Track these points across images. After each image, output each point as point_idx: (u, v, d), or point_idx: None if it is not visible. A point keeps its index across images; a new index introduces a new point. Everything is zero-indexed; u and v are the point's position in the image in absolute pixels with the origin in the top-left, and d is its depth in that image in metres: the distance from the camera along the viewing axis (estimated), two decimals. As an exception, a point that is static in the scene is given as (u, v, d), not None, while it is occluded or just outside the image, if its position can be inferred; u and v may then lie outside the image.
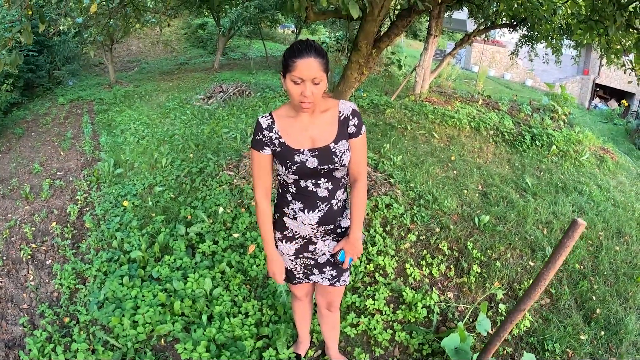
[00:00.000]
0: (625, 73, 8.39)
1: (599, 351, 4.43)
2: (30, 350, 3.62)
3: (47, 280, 4.65)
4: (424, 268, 4.63)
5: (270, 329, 3.87)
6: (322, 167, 2.53)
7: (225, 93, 11.26)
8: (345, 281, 3.01)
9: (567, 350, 4.31)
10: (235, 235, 4.92)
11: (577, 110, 15.74)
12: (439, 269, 4.66)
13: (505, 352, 4.08)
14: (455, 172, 6.41)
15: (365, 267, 4.43)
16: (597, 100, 24.50)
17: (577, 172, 7.75)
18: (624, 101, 20.75)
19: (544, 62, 12.56)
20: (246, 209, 5.34)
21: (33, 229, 5.57)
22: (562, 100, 11.23)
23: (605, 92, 26.32)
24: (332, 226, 2.75)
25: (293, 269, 2.96)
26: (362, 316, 4.03)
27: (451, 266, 4.78)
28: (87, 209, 6.08)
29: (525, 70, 25.63)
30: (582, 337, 4.48)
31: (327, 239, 2.82)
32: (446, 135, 7.62)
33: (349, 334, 3.90)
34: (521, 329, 4.28)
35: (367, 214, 4.97)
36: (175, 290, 4.15)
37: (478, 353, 3.31)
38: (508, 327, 1.39)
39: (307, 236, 2.78)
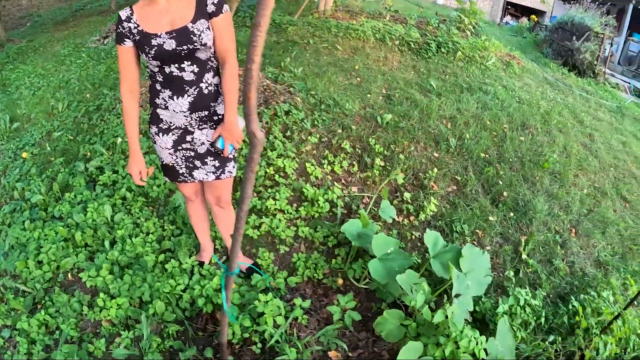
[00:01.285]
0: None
1: (509, 230, 4.52)
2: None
3: (-47, 250, 4.37)
4: (325, 166, 4.57)
5: (172, 242, 3.81)
6: (180, 48, 2.51)
7: (122, 31, 10.58)
8: (231, 172, 2.99)
9: (477, 231, 4.37)
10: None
11: (488, 26, 15.87)
12: (341, 166, 4.61)
13: (413, 236, 4.09)
14: (359, 79, 6.32)
15: (266, 172, 4.33)
16: (508, 18, 24.83)
17: (483, 75, 7.80)
18: (533, 16, 21.12)
19: (451, -21, 12.54)
20: (144, 134, 5.12)
21: None
22: (470, 14, 11.25)
23: (516, 10, 26.75)
24: (206, 112, 2.75)
25: (175, 165, 2.91)
26: (264, 217, 3.94)
27: (354, 162, 4.73)
28: (-14, 170, 5.73)
29: (436, -11, 25.66)
30: (491, 218, 4.55)
31: (204, 128, 2.80)
32: (350, 47, 7.49)
33: (252, 236, 3.83)
34: (427, 213, 4.30)
35: (267, 122, 4.83)
36: (77, 224, 4.01)
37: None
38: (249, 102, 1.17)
39: (183, 126, 2.76)
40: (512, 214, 4.71)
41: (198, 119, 2.74)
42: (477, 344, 2.89)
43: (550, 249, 4.48)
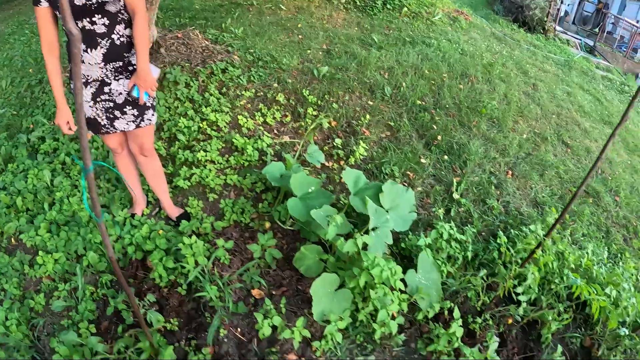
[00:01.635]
0: None
1: (442, 172, 4.52)
2: None
3: None
4: (258, 118, 4.51)
5: (107, 198, 3.80)
6: (90, 2, 2.58)
7: (65, 2, 10.32)
8: (150, 120, 3.05)
9: (408, 172, 4.36)
10: (75, 127, 4.66)
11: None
12: (274, 117, 4.57)
13: (342, 180, 4.06)
14: (300, 37, 6.22)
15: (199, 127, 4.27)
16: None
17: (428, 30, 7.75)
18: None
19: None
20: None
21: None
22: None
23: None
24: (120, 63, 2.82)
25: (96, 117, 2.97)
26: (195, 168, 3.91)
27: (287, 113, 4.69)
28: None
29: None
30: (423, 160, 4.54)
31: (121, 78, 2.87)
32: (294, 7, 7.38)
33: (183, 187, 3.81)
34: (357, 157, 4.29)
35: (203, 81, 4.75)
36: (19, 190, 3.97)
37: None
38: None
39: (99, 78, 2.82)
40: (446, 157, 4.71)
41: (113, 69, 2.81)
42: (392, 274, 2.88)
43: (484, 189, 4.49)
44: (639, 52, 15.92)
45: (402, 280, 3.07)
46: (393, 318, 2.93)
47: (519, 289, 3.22)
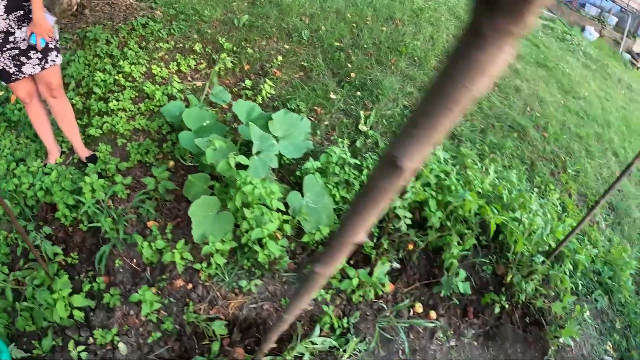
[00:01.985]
0: None
1: (352, 107, 4.52)
2: None
3: None
4: (172, 67, 4.47)
5: (24, 151, 3.77)
6: None
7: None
8: (54, 61, 3.14)
9: (316, 108, 4.36)
10: (0, 93, 4.64)
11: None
12: (188, 65, 4.52)
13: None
14: (228, -10, 6.10)
15: (115, 80, 4.24)
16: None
17: (360, -21, 7.59)
18: None
19: None
20: None
21: None
22: None
23: None
24: (22, 12, 2.90)
25: (5, 67, 3.03)
26: (106, 117, 3.91)
27: (202, 61, 4.65)
28: None
29: None
30: (332, 96, 4.53)
31: (24, 26, 2.95)
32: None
33: (95, 135, 3.80)
34: (264, 95, 4.28)
35: (124, 37, 4.70)
36: None
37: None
38: None
39: (4, 29, 2.88)
40: (358, 93, 4.70)
41: (16, 19, 2.88)
42: (267, 192, 2.89)
43: (396, 122, 4.49)
44: (586, 6, 15.69)
45: (285, 203, 3.12)
46: (276, 240, 2.94)
47: (398, 203, 3.23)
